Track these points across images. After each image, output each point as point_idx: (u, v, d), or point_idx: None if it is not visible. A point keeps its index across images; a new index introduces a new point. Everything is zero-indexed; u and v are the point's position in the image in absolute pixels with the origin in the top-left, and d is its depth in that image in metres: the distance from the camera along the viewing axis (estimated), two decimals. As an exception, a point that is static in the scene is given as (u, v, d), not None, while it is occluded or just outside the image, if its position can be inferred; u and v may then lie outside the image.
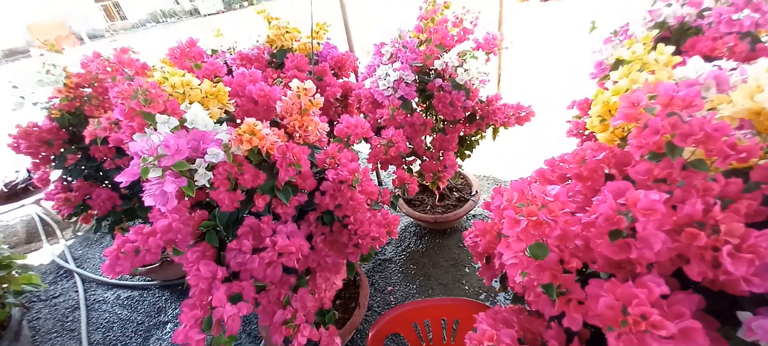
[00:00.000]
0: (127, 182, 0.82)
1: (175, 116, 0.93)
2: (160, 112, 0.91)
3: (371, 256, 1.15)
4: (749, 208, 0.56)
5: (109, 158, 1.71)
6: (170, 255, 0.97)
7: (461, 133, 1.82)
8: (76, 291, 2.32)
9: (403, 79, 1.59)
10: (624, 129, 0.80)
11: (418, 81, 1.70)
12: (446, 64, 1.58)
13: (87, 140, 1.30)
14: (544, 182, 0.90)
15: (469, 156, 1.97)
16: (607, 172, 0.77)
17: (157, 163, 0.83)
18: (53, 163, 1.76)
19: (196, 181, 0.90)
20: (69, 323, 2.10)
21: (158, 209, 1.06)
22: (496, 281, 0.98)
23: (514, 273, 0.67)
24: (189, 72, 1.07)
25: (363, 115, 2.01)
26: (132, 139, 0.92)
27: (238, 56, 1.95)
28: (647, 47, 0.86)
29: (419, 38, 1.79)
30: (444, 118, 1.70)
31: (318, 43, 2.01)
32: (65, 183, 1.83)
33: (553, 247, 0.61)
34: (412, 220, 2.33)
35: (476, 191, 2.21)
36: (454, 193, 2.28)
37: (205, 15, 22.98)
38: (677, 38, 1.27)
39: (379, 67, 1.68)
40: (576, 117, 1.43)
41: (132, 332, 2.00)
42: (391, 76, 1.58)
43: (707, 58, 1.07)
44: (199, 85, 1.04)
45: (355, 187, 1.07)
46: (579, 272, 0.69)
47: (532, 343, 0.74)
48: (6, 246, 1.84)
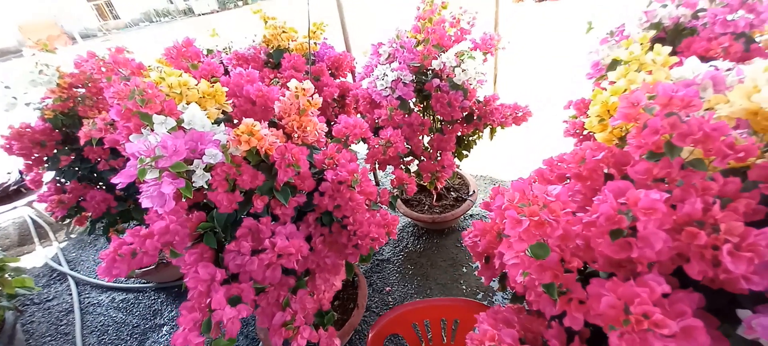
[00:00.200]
0: (123, 184, 0.81)
1: (172, 117, 0.92)
2: (157, 113, 0.90)
3: (370, 257, 1.15)
4: (748, 207, 0.57)
5: (104, 159, 1.69)
6: (167, 257, 0.96)
7: (459, 134, 1.82)
8: (70, 294, 2.29)
9: (401, 79, 1.59)
10: (622, 129, 0.80)
11: (416, 81, 1.69)
12: (444, 65, 1.58)
13: (82, 141, 1.28)
14: (543, 181, 0.91)
15: (467, 156, 1.97)
16: (606, 171, 0.77)
17: (154, 164, 0.82)
18: (46, 165, 1.74)
19: (193, 182, 0.89)
20: (63, 327, 2.08)
21: (155, 211, 1.05)
22: (495, 281, 0.98)
23: (515, 273, 0.68)
24: (186, 72, 1.05)
25: (360, 115, 2.00)
26: (128, 140, 0.91)
27: (234, 56, 1.94)
28: (644, 48, 0.87)
29: (417, 38, 1.79)
30: (442, 118, 1.70)
31: (315, 43, 2.01)
32: (59, 185, 1.81)
33: (554, 247, 0.61)
34: (410, 220, 2.33)
35: (474, 191, 2.22)
36: (452, 193, 2.29)
37: (199, 14, 22.81)
38: (672, 39, 1.28)
39: (376, 67, 1.67)
40: (572, 117, 1.44)
41: (127, 335, 1.98)
42: (389, 77, 1.57)
43: (702, 58, 1.08)
44: (197, 85, 1.03)
45: (354, 187, 1.06)
46: (579, 271, 0.70)
47: (533, 342, 0.75)
48: (-2, 249, 1.82)
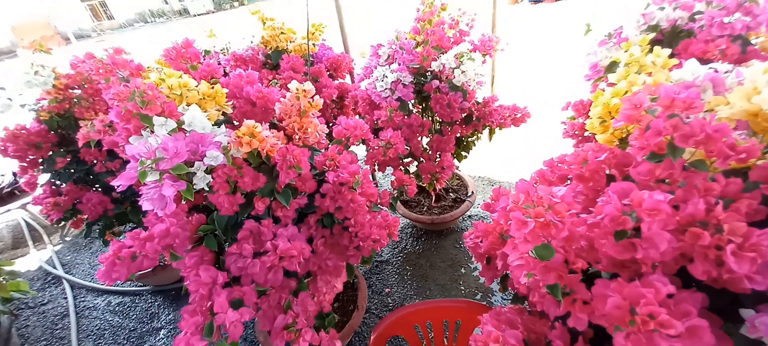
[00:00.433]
0: (123, 186, 0.81)
1: (172, 118, 0.91)
2: (157, 115, 0.90)
3: (371, 258, 1.15)
4: (749, 207, 0.57)
5: (100, 161, 1.68)
6: (166, 260, 0.95)
7: (458, 135, 1.82)
8: (65, 298, 2.26)
9: (401, 80, 1.59)
10: (623, 131, 0.81)
11: (415, 83, 1.70)
12: (443, 66, 1.59)
13: (80, 143, 1.27)
14: (544, 182, 0.91)
15: (466, 157, 1.98)
16: (608, 172, 0.78)
17: (154, 166, 0.81)
18: (42, 167, 1.72)
19: (194, 184, 0.88)
20: (58, 331, 2.05)
21: (154, 214, 1.04)
22: (497, 282, 0.98)
23: (519, 274, 0.68)
24: (185, 73, 1.05)
25: (358, 116, 2.00)
26: (128, 142, 0.90)
27: (233, 57, 1.93)
28: (644, 50, 0.88)
29: (416, 40, 1.79)
30: (441, 119, 1.71)
31: (313, 45, 2.00)
32: (54, 187, 1.79)
33: (558, 248, 0.62)
34: (409, 221, 2.33)
35: (472, 192, 2.22)
36: (451, 194, 2.29)
37: (194, 15, 22.68)
38: (670, 41, 1.29)
39: (376, 68, 1.67)
40: (571, 118, 1.44)
41: (124, 339, 1.96)
42: (388, 78, 1.58)
43: (700, 60, 1.09)
44: (197, 86, 1.02)
45: (355, 189, 1.06)
46: (582, 272, 0.70)
47: (536, 343, 0.75)
48: (-8, 252, 1.79)
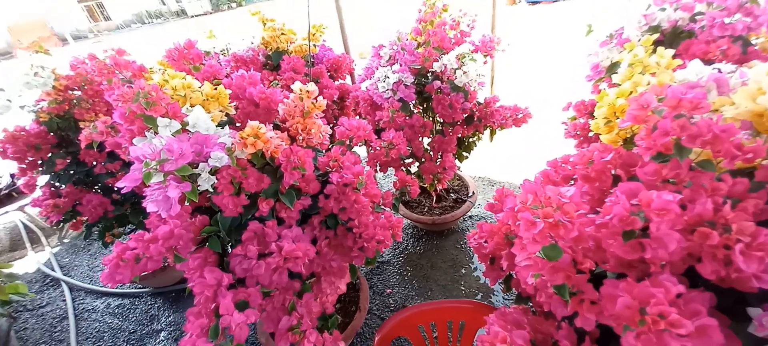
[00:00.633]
0: (128, 188, 0.80)
1: (176, 120, 0.90)
2: (161, 116, 0.89)
3: (375, 259, 1.14)
4: (756, 207, 0.57)
5: (100, 163, 1.66)
6: (168, 262, 0.95)
7: (459, 135, 1.83)
8: (64, 300, 2.25)
9: (403, 81, 1.59)
10: (628, 131, 0.81)
11: (416, 83, 1.70)
12: (445, 67, 1.59)
13: (83, 144, 1.26)
14: (549, 183, 0.91)
15: (467, 157, 1.98)
16: (613, 173, 0.78)
17: (159, 167, 0.80)
18: (41, 169, 1.70)
19: (198, 185, 0.88)
20: (58, 333, 2.03)
21: (157, 215, 1.04)
22: (500, 282, 0.98)
23: (526, 275, 0.68)
24: (188, 74, 1.04)
25: (359, 116, 2.00)
26: (131, 143, 0.89)
27: (233, 58, 1.92)
28: (648, 51, 0.88)
29: (417, 41, 1.79)
30: (443, 119, 1.71)
31: (314, 46, 2.00)
32: (53, 189, 1.77)
33: (566, 248, 0.62)
34: (410, 222, 2.33)
35: (473, 192, 2.22)
36: (451, 194, 2.29)
37: (192, 16, 22.61)
38: (670, 41, 1.30)
39: (377, 69, 1.67)
40: (572, 119, 1.45)
41: (124, 341, 1.94)
42: (390, 79, 1.58)
43: (701, 61, 1.10)
44: (200, 87, 1.02)
45: (359, 190, 1.06)
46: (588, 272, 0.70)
47: (543, 344, 0.75)
48: (-10, 255, 1.78)
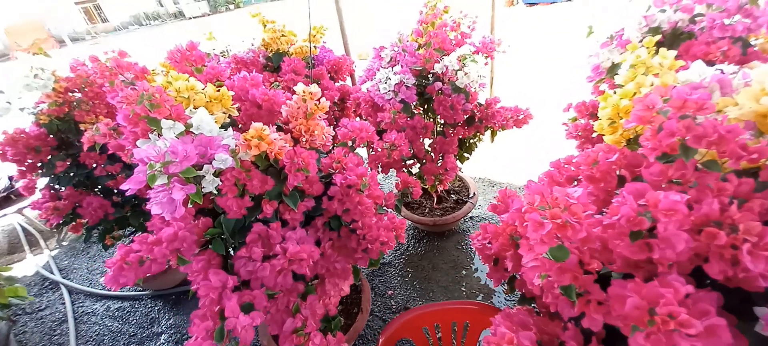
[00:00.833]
0: (132, 190, 0.80)
1: (180, 122, 0.90)
2: (164, 118, 0.89)
3: (378, 261, 1.14)
4: (761, 207, 0.58)
5: (101, 165, 1.66)
6: (172, 264, 0.94)
7: (460, 136, 1.83)
8: (63, 303, 2.23)
9: (404, 82, 1.59)
10: (632, 132, 0.81)
11: (417, 85, 1.70)
12: (446, 68, 1.59)
13: (86, 147, 1.26)
14: (553, 183, 0.92)
15: (468, 158, 1.98)
16: (618, 173, 0.78)
17: (163, 170, 0.80)
18: (41, 171, 1.69)
19: (203, 187, 0.88)
20: (57, 337, 2.02)
21: (160, 217, 1.03)
22: (504, 283, 0.98)
23: (532, 275, 0.68)
24: (190, 76, 1.04)
25: (359, 118, 2.00)
26: (135, 146, 0.89)
27: (233, 60, 1.92)
28: (651, 52, 0.89)
29: (418, 42, 1.79)
30: (444, 121, 1.71)
31: (314, 47, 2.00)
32: (53, 191, 1.76)
33: (573, 249, 0.62)
34: (411, 223, 2.33)
35: (474, 193, 2.23)
36: (452, 195, 2.30)
37: (190, 17, 22.59)
38: (670, 43, 1.31)
39: (378, 70, 1.67)
40: (572, 119, 1.45)
41: (124, 344, 1.93)
42: (392, 80, 1.58)
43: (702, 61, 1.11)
44: (203, 89, 1.02)
45: (363, 191, 1.06)
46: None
47: (549, 344, 0.75)
48: (-11, 258, 1.76)
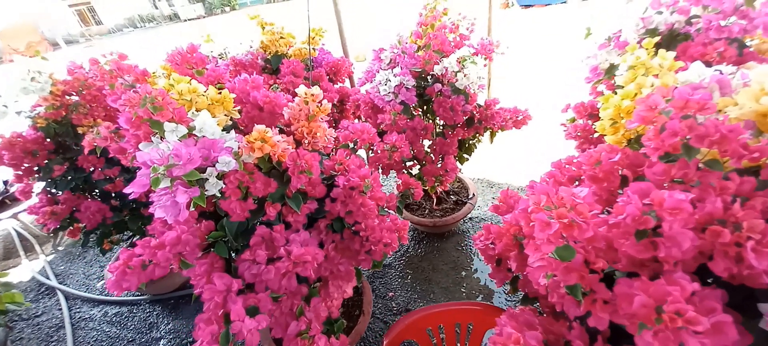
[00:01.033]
0: (135, 194, 0.79)
1: (182, 124, 0.90)
2: (167, 120, 0.88)
3: (382, 262, 1.14)
4: (764, 204, 0.59)
5: (99, 169, 1.64)
6: (175, 268, 0.94)
7: (460, 137, 1.84)
8: (60, 309, 2.21)
9: (404, 84, 1.60)
10: (634, 132, 0.82)
11: (417, 86, 1.71)
12: (446, 70, 1.60)
13: (86, 150, 1.25)
14: (555, 184, 0.92)
15: (468, 159, 1.99)
16: (620, 173, 0.79)
17: (167, 173, 0.80)
18: (37, 175, 1.68)
19: (206, 190, 0.87)
20: (54, 343, 1.99)
21: (162, 221, 1.03)
22: (507, 284, 0.99)
23: (538, 275, 0.68)
24: (192, 78, 1.04)
25: (359, 119, 2.00)
26: (137, 149, 0.89)
27: (232, 62, 1.91)
28: (650, 53, 0.90)
29: (418, 44, 1.80)
30: (444, 122, 1.72)
31: (313, 49, 2.00)
32: (50, 195, 1.74)
33: (578, 248, 0.62)
34: (411, 224, 2.33)
35: (473, 194, 2.23)
36: (452, 196, 2.30)
37: (185, 20, 22.50)
38: (667, 44, 1.32)
39: (378, 72, 1.68)
40: (571, 120, 1.46)
41: (122, 350, 1.92)
42: (392, 82, 1.58)
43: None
44: (205, 92, 1.01)
45: (365, 193, 1.06)
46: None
47: (555, 344, 0.75)
48: (-16, 264, 1.74)
